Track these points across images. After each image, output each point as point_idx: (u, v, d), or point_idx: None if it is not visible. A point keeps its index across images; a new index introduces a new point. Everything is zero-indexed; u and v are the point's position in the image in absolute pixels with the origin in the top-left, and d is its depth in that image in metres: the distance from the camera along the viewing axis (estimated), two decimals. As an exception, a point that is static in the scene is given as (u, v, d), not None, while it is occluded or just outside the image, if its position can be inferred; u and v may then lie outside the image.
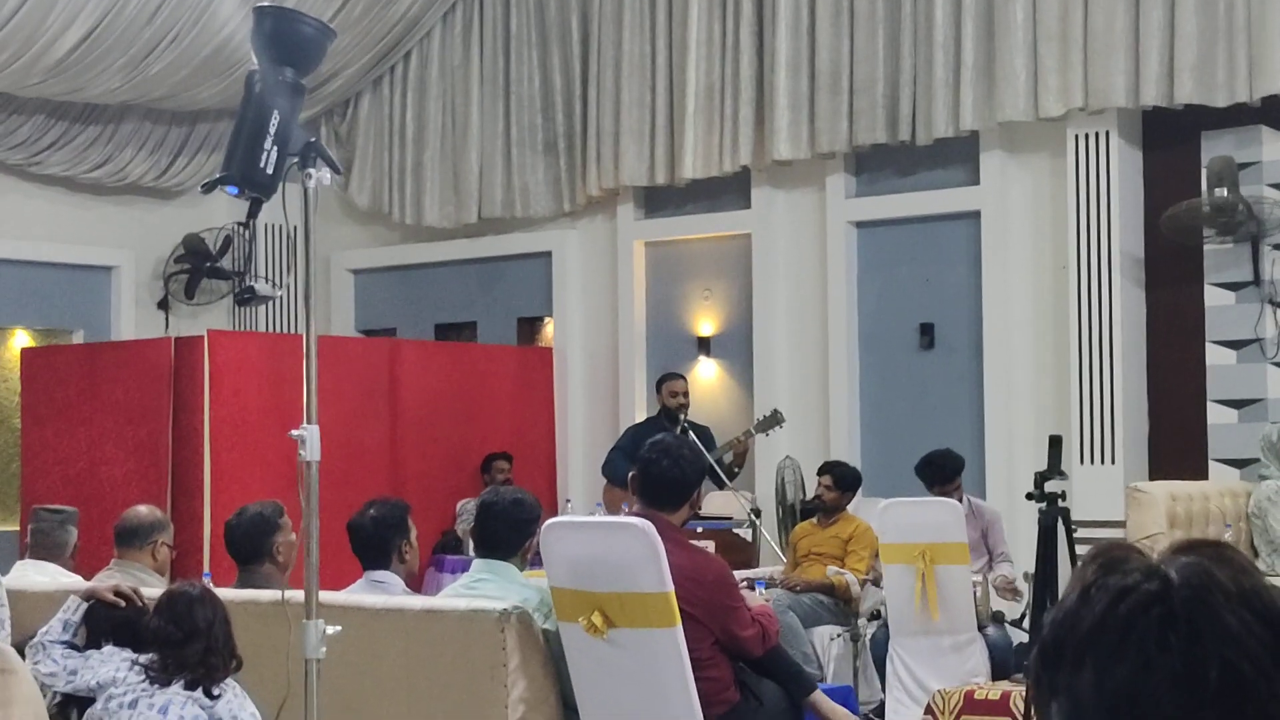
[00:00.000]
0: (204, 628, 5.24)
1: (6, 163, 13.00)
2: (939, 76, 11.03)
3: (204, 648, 5.22)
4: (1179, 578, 1.56)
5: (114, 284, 13.82)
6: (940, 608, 8.74)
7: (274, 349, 11.45)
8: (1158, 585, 1.56)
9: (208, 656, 5.22)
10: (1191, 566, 1.57)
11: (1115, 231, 10.63)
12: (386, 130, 13.95)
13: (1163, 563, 1.59)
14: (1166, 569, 1.58)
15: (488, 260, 13.65)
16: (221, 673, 5.25)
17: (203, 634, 5.23)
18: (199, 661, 5.21)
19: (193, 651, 5.21)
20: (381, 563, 6.24)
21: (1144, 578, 1.58)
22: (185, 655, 5.21)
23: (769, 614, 5.96)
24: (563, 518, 7.86)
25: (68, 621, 5.53)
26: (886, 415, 11.69)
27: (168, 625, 5.27)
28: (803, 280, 12.01)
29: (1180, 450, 10.60)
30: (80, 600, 5.61)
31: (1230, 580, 1.56)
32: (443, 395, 12.25)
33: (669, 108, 12.33)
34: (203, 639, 5.22)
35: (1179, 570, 1.57)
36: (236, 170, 4.51)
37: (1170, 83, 10.28)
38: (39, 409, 11.47)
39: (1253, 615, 1.54)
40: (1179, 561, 1.59)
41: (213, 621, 5.27)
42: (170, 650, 5.23)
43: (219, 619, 5.30)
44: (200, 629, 5.23)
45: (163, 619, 5.30)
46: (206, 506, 10.63)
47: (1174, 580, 1.56)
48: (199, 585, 5.53)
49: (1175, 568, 1.58)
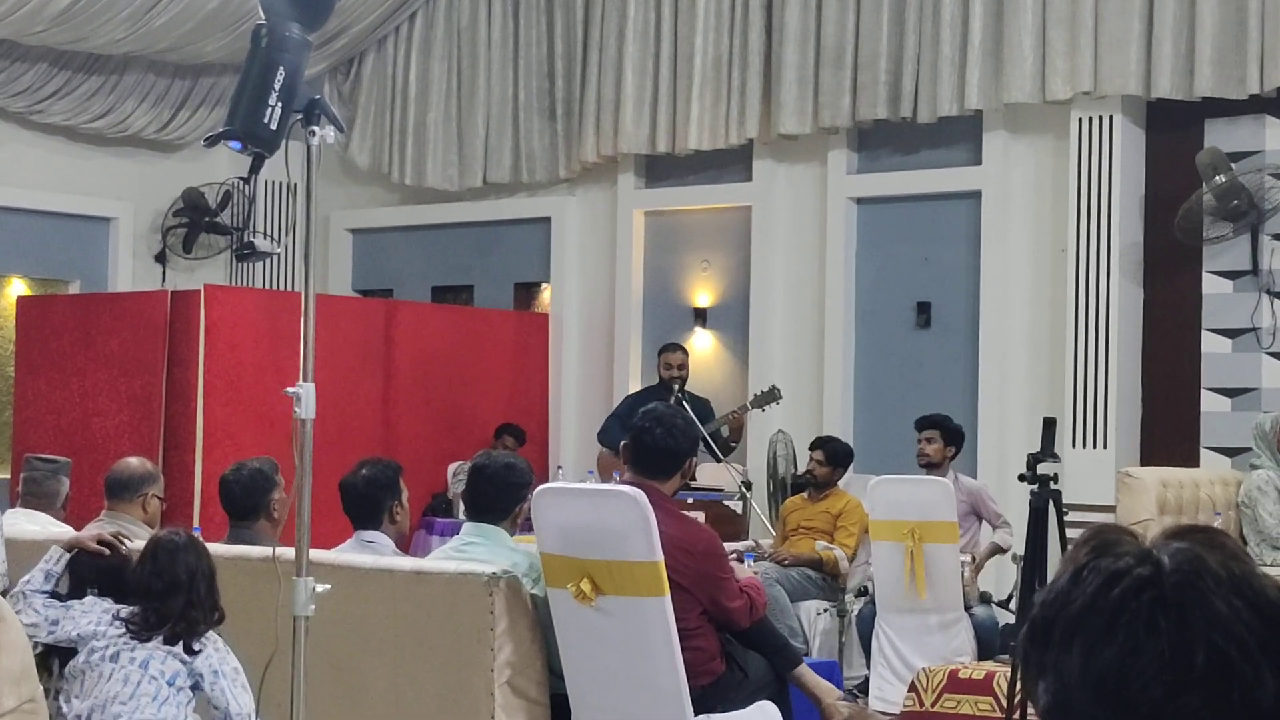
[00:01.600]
0: (186, 580, 5.22)
1: (8, 110, 12.97)
2: (945, 55, 11.01)
3: (185, 601, 5.21)
4: (1171, 563, 1.57)
5: (112, 235, 13.80)
6: (928, 586, 8.77)
7: (270, 305, 11.45)
8: (1149, 570, 1.57)
9: (189, 610, 5.21)
10: (1183, 552, 1.58)
11: (1115, 216, 10.63)
12: (389, 90, 13.91)
13: (1155, 547, 1.60)
14: (1159, 554, 1.58)
15: (487, 224, 13.64)
16: (203, 626, 5.25)
17: (184, 586, 5.21)
18: (180, 615, 5.21)
19: (173, 605, 5.20)
20: (372, 523, 6.24)
21: (1136, 562, 1.58)
22: (166, 609, 5.21)
23: (757, 586, 5.97)
24: (555, 484, 7.88)
25: (49, 572, 5.52)
26: (881, 392, 11.69)
27: (150, 576, 5.26)
28: (801, 255, 12.01)
29: (1173, 437, 10.62)
30: (63, 550, 5.60)
31: (1221, 566, 1.57)
32: (438, 358, 12.25)
33: (673, 77, 12.30)
34: (183, 592, 5.21)
35: (1171, 555, 1.58)
36: (240, 125, 4.49)
37: (1190, 76, 10.27)
38: (33, 358, 11.47)
39: (1242, 601, 1.55)
40: (1171, 547, 1.59)
41: (195, 572, 5.25)
42: (151, 603, 5.23)
43: (202, 570, 5.29)
44: (182, 581, 5.22)
45: (146, 569, 5.29)
46: (198, 461, 10.65)
47: (1166, 565, 1.57)
48: (185, 533, 5.52)
49: (1167, 553, 1.58)
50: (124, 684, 5.18)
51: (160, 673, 5.18)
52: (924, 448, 9.50)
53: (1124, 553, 1.60)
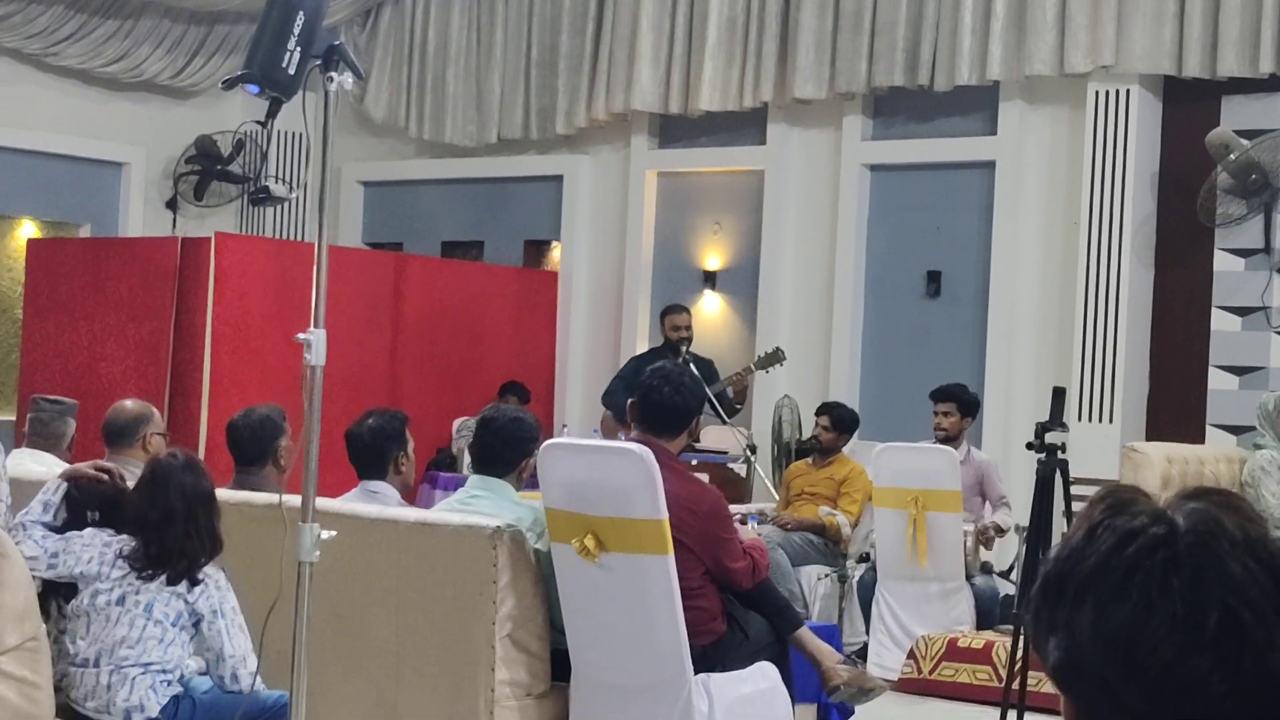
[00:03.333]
0: (182, 509, 5.18)
1: (23, 52, 12.95)
2: (966, 23, 10.96)
3: (183, 531, 5.17)
4: (1186, 523, 1.57)
5: (124, 180, 13.80)
6: (929, 554, 8.79)
7: (280, 254, 11.44)
8: (1164, 529, 1.57)
9: (187, 542, 5.18)
10: (1199, 512, 1.58)
11: (1129, 191, 10.61)
12: (406, 43, 13.88)
13: (1170, 507, 1.60)
14: (1174, 514, 1.58)
15: (498, 181, 13.62)
16: (203, 559, 5.23)
17: (180, 516, 5.18)
18: (180, 550, 5.18)
19: (171, 536, 5.17)
20: (378, 473, 6.25)
21: (1151, 521, 1.58)
22: (165, 540, 5.18)
23: (760, 548, 5.98)
24: (561, 439, 7.88)
25: (48, 502, 5.49)
26: (888, 360, 11.69)
27: (147, 506, 5.24)
28: (813, 220, 11.99)
29: (1179, 413, 10.61)
30: (61, 481, 5.58)
31: (1237, 528, 1.57)
32: (446, 313, 12.24)
33: (688, 38, 12.26)
34: (180, 521, 5.17)
35: (1186, 515, 1.58)
36: (258, 68, 4.48)
37: (1212, 54, 10.25)
38: (41, 301, 11.47)
39: (1257, 563, 1.55)
40: (1187, 507, 1.59)
41: (193, 497, 5.20)
42: (150, 534, 5.21)
43: (200, 494, 5.24)
44: (178, 510, 5.17)
45: (143, 497, 5.27)
46: (204, 408, 10.65)
47: (1180, 525, 1.57)
48: (184, 454, 5.46)
49: (1183, 513, 1.58)
50: (129, 628, 5.18)
51: (165, 615, 5.19)
52: (941, 421, 9.46)
53: (1139, 512, 1.60)
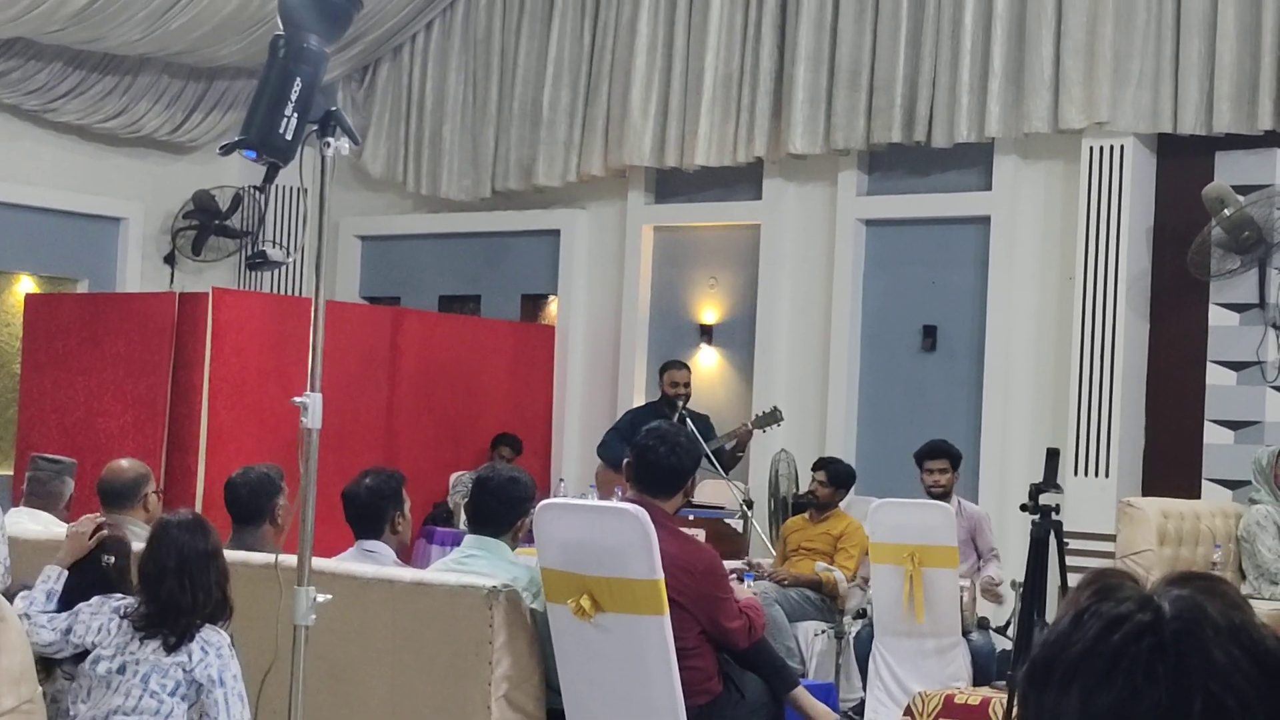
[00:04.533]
0: (174, 565, 5.10)
1: (22, 108, 13.00)
2: (965, 81, 11.02)
3: (176, 586, 5.11)
4: (1171, 610, 1.58)
5: (122, 235, 13.83)
6: (926, 610, 8.77)
7: (278, 310, 11.47)
8: (1150, 616, 1.58)
9: (181, 597, 5.10)
10: (1184, 599, 1.59)
11: (1124, 246, 10.65)
12: (404, 99, 13.94)
13: (1156, 594, 1.61)
14: (1159, 600, 1.60)
15: (495, 235, 13.66)
16: (199, 619, 5.15)
17: (172, 572, 5.13)
18: (174, 605, 5.10)
19: (165, 591, 5.10)
20: (374, 532, 6.26)
21: (1137, 607, 1.59)
22: (159, 596, 5.12)
23: (756, 607, 5.98)
24: (557, 499, 7.89)
25: (51, 591, 5.49)
26: (884, 415, 11.70)
27: (147, 561, 5.22)
28: (809, 274, 12.03)
29: (1175, 468, 10.62)
30: (61, 569, 5.57)
31: (1221, 615, 1.58)
32: (443, 367, 12.26)
33: (684, 93, 12.32)
34: (172, 577, 5.12)
35: (1172, 602, 1.59)
36: (255, 134, 4.51)
37: (1208, 111, 10.32)
38: (39, 356, 11.49)
39: (1240, 651, 1.56)
40: (1172, 593, 1.60)
41: (186, 553, 5.11)
42: (148, 590, 5.17)
43: (196, 551, 5.14)
44: (169, 566, 5.11)
45: (146, 555, 5.25)
46: (201, 464, 10.66)
47: (1166, 612, 1.58)
48: (188, 513, 5.41)
49: (1168, 599, 1.60)
50: (126, 697, 5.16)
51: (162, 685, 5.14)
52: (938, 479, 9.48)
53: (1125, 598, 1.61)
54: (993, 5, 10.98)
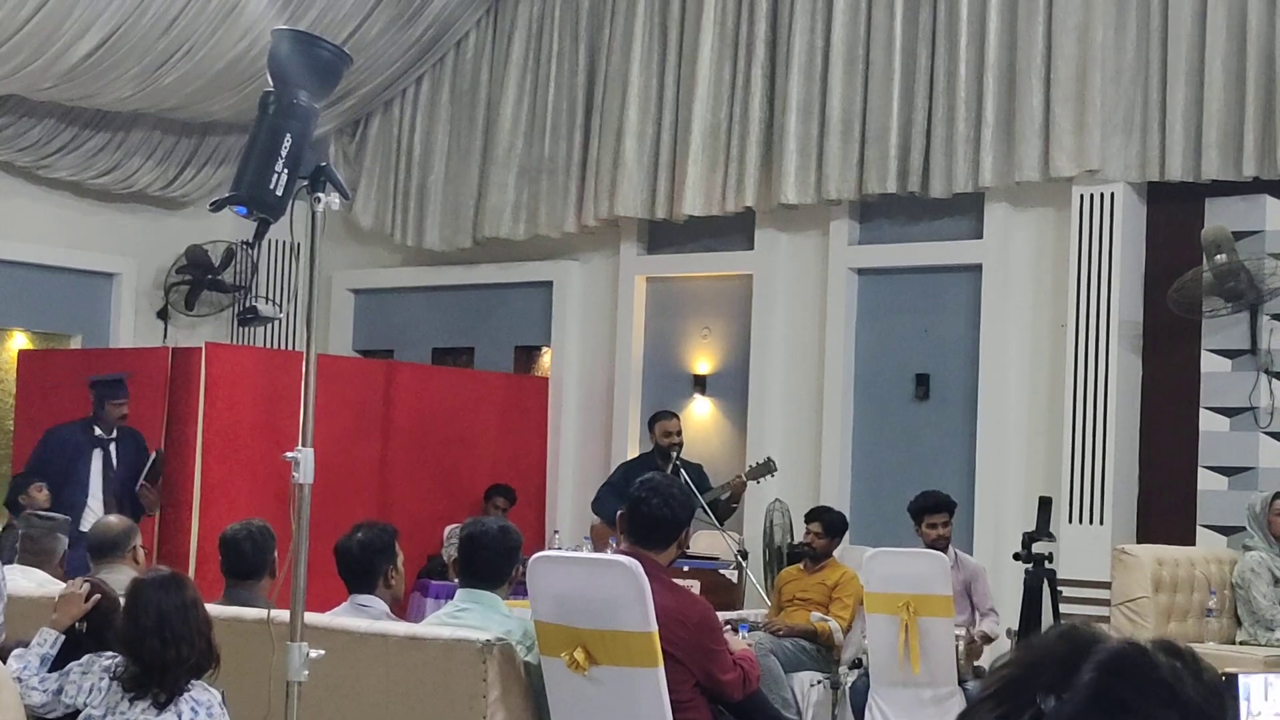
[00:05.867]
0: (152, 624, 5.06)
1: (14, 165, 13.03)
2: (960, 131, 11.06)
3: (158, 643, 5.08)
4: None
5: (115, 291, 13.84)
6: (921, 660, 8.74)
7: (271, 364, 11.47)
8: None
9: (165, 652, 5.07)
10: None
11: (1116, 292, 10.66)
12: (394, 152, 13.98)
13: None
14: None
15: (489, 287, 13.67)
16: (184, 675, 5.11)
17: (150, 631, 5.09)
18: (158, 664, 5.08)
19: (148, 651, 5.08)
20: (367, 586, 6.25)
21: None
22: (142, 656, 5.10)
23: (751, 659, 5.96)
24: (551, 552, 7.87)
25: (45, 655, 5.47)
26: (878, 464, 11.70)
27: (128, 623, 5.20)
28: (802, 324, 12.04)
29: (1169, 514, 10.61)
30: (57, 634, 5.56)
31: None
32: (436, 419, 12.26)
33: (673, 143, 12.36)
34: (150, 636, 5.09)
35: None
36: (246, 191, 4.52)
37: (1196, 158, 10.36)
38: (33, 412, 11.48)
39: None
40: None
41: (162, 611, 5.07)
42: (130, 652, 5.15)
43: (174, 607, 5.12)
44: (146, 626, 5.08)
45: (125, 615, 5.23)
46: (195, 518, 10.64)
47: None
48: (164, 570, 5.40)
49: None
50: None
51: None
52: (940, 531, 9.49)
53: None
54: (984, 55, 11.02)
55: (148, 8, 11.73)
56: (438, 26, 13.36)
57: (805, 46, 11.72)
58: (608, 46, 12.76)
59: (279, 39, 4.73)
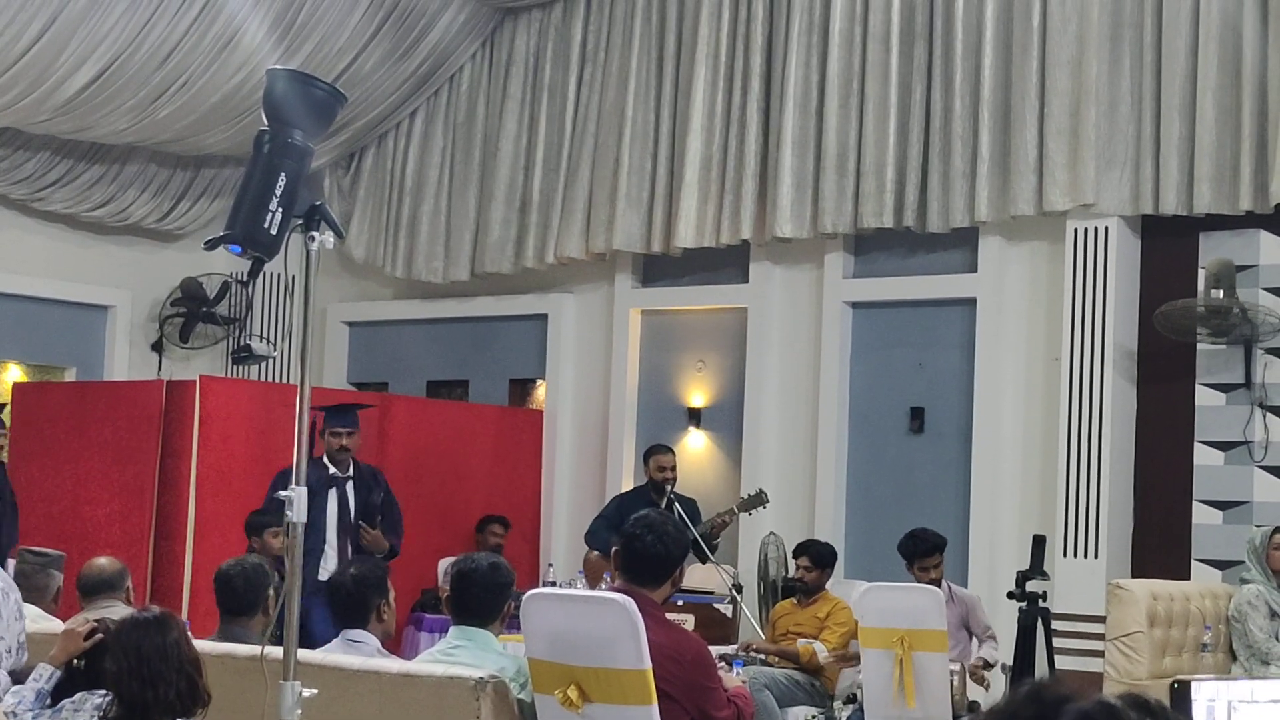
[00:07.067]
0: (131, 664, 5.02)
1: (9, 198, 13.05)
2: (957, 166, 11.09)
3: (140, 684, 5.05)
4: None
5: (109, 323, 13.84)
6: (916, 695, 8.73)
7: (265, 397, 11.46)
8: None
9: (146, 692, 5.04)
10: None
11: (1110, 326, 10.68)
12: (387, 185, 14.00)
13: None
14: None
15: (483, 320, 13.68)
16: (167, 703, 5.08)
17: (131, 672, 5.06)
18: (141, 704, 5.05)
19: (128, 691, 5.04)
20: (360, 622, 6.22)
21: None
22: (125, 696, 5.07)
23: (745, 695, 5.95)
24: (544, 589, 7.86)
25: (40, 691, 5.46)
26: (873, 497, 11.69)
27: (111, 661, 5.18)
28: (796, 357, 12.04)
29: (1164, 548, 10.61)
30: (53, 669, 5.54)
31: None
32: (431, 452, 12.25)
33: (669, 177, 12.38)
34: (131, 678, 5.05)
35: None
36: (240, 229, 4.52)
37: (1189, 192, 10.38)
38: (27, 444, 11.47)
39: None
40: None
41: (148, 652, 5.03)
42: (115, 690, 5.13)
43: (155, 648, 5.07)
44: (126, 666, 5.05)
45: (110, 654, 5.21)
46: (189, 552, 10.63)
47: None
48: (149, 610, 5.39)
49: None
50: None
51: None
52: (933, 575, 9.50)
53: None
54: (979, 90, 11.05)
55: (143, 41, 11.76)
56: (434, 59, 13.39)
57: (801, 80, 11.75)
58: (603, 80, 12.80)
59: (274, 78, 4.74)
